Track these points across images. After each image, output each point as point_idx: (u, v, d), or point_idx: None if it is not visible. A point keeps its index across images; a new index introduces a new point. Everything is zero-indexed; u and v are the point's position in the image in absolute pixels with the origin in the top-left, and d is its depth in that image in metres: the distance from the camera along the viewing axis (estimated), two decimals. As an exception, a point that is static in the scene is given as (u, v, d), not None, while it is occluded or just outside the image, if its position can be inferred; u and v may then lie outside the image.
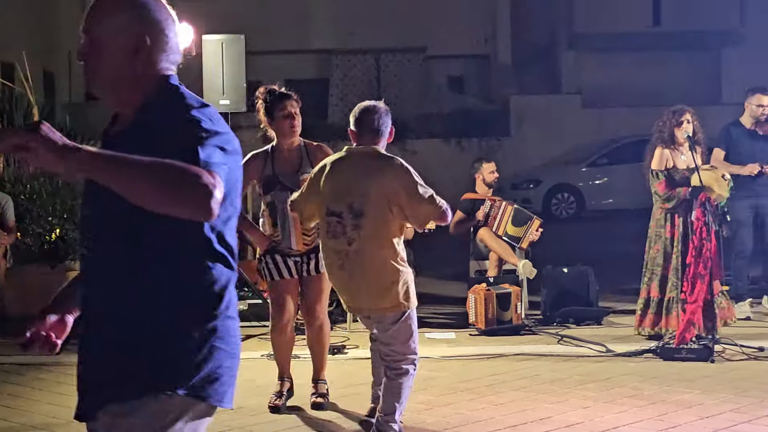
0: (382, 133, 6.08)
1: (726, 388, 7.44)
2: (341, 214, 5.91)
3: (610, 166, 23.68)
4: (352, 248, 5.90)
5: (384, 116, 6.09)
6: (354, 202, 5.88)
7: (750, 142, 10.34)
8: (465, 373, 8.18)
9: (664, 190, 9.14)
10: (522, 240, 10.65)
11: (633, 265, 9.85)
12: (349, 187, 5.92)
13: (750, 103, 10.44)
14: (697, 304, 8.54)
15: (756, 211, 10.38)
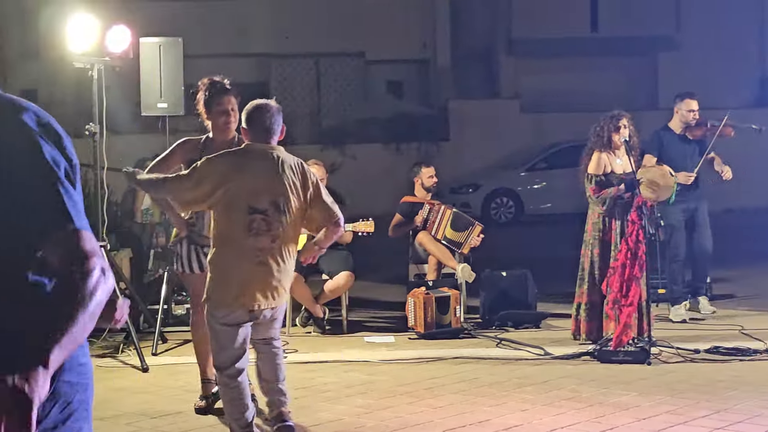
0: (274, 132, 6.11)
1: (662, 390, 7.51)
2: (266, 211, 5.89)
3: (549, 171, 23.84)
4: (275, 245, 5.92)
5: (276, 115, 6.13)
6: (277, 200, 5.91)
7: (681, 147, 10.44)
8: (404, 376, 8.17)
9: (596, 194, 9.21)
10: (463, 245, 10.69)
11: (571, 268, 9.90)
12: (269, 185, 5.92)
13: (680, 109, 10.54)
14: (633, 307, 8.61)
15: (688, 215, 10.48)
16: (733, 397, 7.27)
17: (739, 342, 9.07)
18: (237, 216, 5.92)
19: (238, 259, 5.93)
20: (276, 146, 6.09)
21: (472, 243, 10.71)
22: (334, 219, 6.08)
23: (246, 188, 5.91)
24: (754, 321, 10.22)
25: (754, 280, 13.17)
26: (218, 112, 7.02)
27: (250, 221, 5.89)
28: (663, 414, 6.86)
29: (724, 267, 13.52)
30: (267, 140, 6.07)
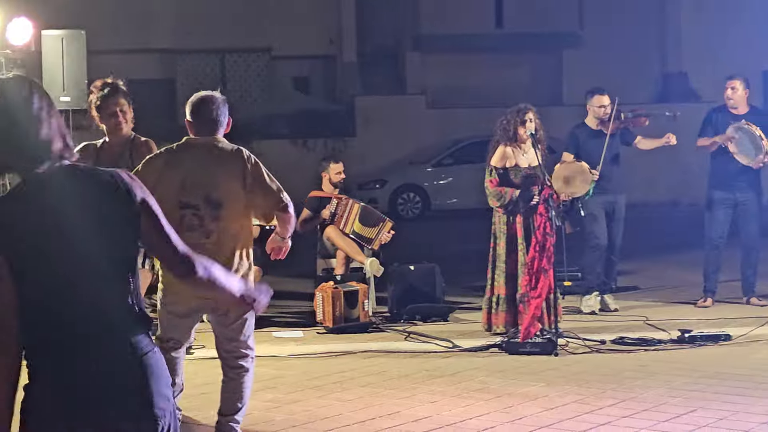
0: (220, 123, 5.98)
1: (570, 381, 7.58)
2: (198, 206, 5.76)
3: (455, 166, 23.96)
4: (210, 240, 5.74)
5: (222, 106, 6.00)
6: (211, 194, 5.75)
7: (597, 142, 10.53)
8: (313, 370, 8.15)
9: (494, 187, 9.27)
10: (374, 241, 10.71)
11: (478, 262, 9.98)
12: (203, 178, 5.78)
13: (592, 105, 10.64)
14: (541, 299, 8.69)
15: (608, 207, 10.58)
16: (639, 386, 7.37)
17: (643, 333, 9.22)
18: (169, 212, 5.78)
19: None
20: (219, 138, 5.96)
21: (382, 239, 10.73)
22: (280, 204, 5.85)
23: (177, 183, 5.79)
24: (658, 312, 10.39)
25: (657, 272, 13.40)
26: (108, 114, 7.13)
27: (181, 216, 5.77)
28: (570, 404, 6.93)
29: (629, 260, 13.69)
30: (213, 132, 5.94)
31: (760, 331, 9.22)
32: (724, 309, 10.52)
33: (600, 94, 10.67)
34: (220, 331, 6.00)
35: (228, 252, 5.79)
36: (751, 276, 10.85)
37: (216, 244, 5.74)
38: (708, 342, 8.80)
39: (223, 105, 6.00)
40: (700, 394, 7.12)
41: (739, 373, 7.73)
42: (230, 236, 5.81)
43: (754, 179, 10.71)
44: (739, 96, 10.75)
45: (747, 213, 10.75)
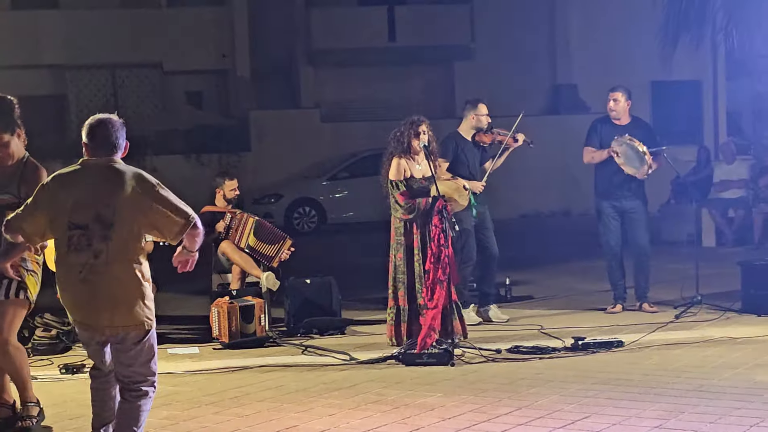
0: (118, 147, 5.85)
1: (466, 390, 7.64)
2: (87, 226, 5.63)
3: (350, 180, 24.01)
4: (99, 261, 5.60)
5: (120, 129, 5.88)
6: (101, 213, 5.61)
7: (471, 152, 10.64)
8: (209, 386, 8.08)
9: (405, 200, 9.32)
10: (273, 259, 10.68)
11: (374, 275, 10.01)
12: (95, 198, 5.65)
13: (476, 114, 10.71)
14: (437, 310, 8.74)
15: (479, 219, 10.63)
16: (534, 394, 7.45)
17: (538, 341, 9.33)
18: (60, 233, 5.68)
19: (65, 276, 5.71)
20: (116, 160, 5.83)
21: (282, 257, 10.72)
22: (190, 222, 5.75)
23: (69, 204, 5.67)
24: (552, 320, 10.52)
25: (550, 281, 13.56)
26: None
27: (69, 237, 5.65)
28: (467, 413, 6.98)
29: (523, 270, 13.90)
30: (111, 155, 5.81)
31: (652, 337, 9.40)
32: (616, 316, 10.70)
33: (481, 102, 10.81)
34: (116, 357, 5.85)
35: (118, 271, 5.66)
36: (643, 282, 11.05)
37: (106, 264, 5.62)
38: (601, 349, 8.93)
39: (121, 128, 5.88)
40: (593, 400, 7.23)
41: (631, 378, 7.86)
42: (121, 256, 5.68)
43: (638, 188, 10.92)
44: (621, 107, 10.96)
45: (635, 221, 10.95)
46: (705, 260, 12.14)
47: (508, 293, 11.87)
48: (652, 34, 20.87)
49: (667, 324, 10.05)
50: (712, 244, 17.15)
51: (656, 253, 11.32)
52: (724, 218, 17.29)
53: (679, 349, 8.92)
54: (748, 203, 17.03)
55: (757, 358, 8.42)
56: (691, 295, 10.80)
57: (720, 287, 11.74)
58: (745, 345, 9.01)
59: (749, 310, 10.49)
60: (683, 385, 7.58)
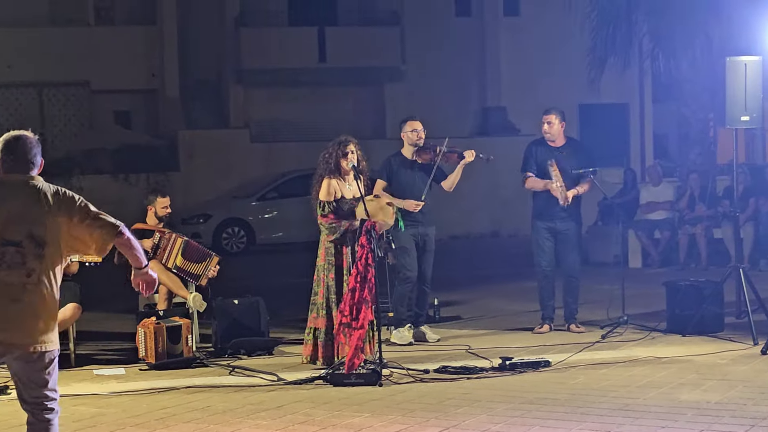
0: (35, 164, 5.75)
1: (394, 410, 7.63)
2: (20, 243, 5.52)
3: (280, 200, 23.92)
4: (31, 280, 5.48)
5: (36, 146, 5.78)
6: (34, 231, 5.48)
7: (411, 172, 10.67)
8: (135, 408, 7.99)
9: (330, 221, 9.32)
10: (201, 278, 10.62)
11: (302, 295, 9.96)
12: (26, 216, 5.54)
13: (405, 132, 10.77)
14: (363, 330, 8.73)
15: (419, 239, 10.70)
16: (462, 414, 7.47)
17: (466, 361, 9.35)
18: None
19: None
20: (35, 176, 5.72)
21: (209, 274, 10.66)
22: (116, 229, 5.57)
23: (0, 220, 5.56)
24: (480, 341, 10.56)
25: (479, 302, 13.63)
26: None
27: (2, 254, 5.52)
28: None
29: (452, 290, 13.95)
30: (27, 171, 5.71)
31: (579, 357, 9.47)
32: (544, 336, 10.77)
33: (412, 120, 10.84)
34: (28, 377, 5.67)
35: (45, 290, 5.55)
36: (571, 303, 11.13)
37: (36, 284, 5.50)
38: (528, 369, 8.98)
39: (37, 145, 5.78)
40: (520, 419, 7.26)
41: (558, 398, 7.91)
42: (50, 275, 5.57)
43: (574, 210, 11.01)
44: (555, 129, 11.06)
45: (567, 242, 11.04)
46: (631, 281, 12.26)
47: (436, 314, 11.90)
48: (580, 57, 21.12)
49: (594, 344, 10.14)
50: (639, 265, 17.34)
51: (584, 274, 11.42)
52: (650, 239, 17.49)
53: (605, 369, 9.00)
54: (674, 225, 17.25)
55: (681, 378, 8.51)
56: (617, 315, 10.90)
57: (646, 308, 11.88)
58: (669, 365, 9.10)
59: (674, 330, 10.62)
60: (609, 405, 7.64)
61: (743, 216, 15.51)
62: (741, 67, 10.76)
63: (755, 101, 10.76)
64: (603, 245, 17.01)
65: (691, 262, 16.82)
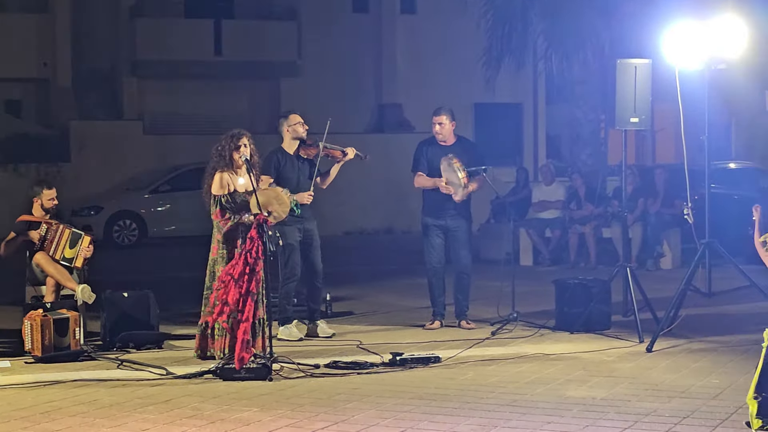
0: None
1: (283, 405, 7.61)
2: None
3: (173, 193, 23.72)
4: None
5: None
6: None
7: (294, 167, 10.64)
8: (20, 401, 7.85)
9: (219, 216, 9.27)
10: (75, 259, 10.45)
11: (194, 289, 9.89)
12: None
13: (291, 125, 10.73)
14: (249, 323, 8.71)
15: (303, 234, 10.67)
16: (351, 409, 7.48)
17: (357, 356, 9.36)
18: None
19: None
20: None
21: (83, 254, 10.49)
22: None
23: None
24: (371, 336, 10.59)
25: (371, 297, 13.66)
26: None
27: None
28: (283, 428, 6.96)
29: (344, 286, 13.97)
30: None
31: (468, 353, 9.55)
32: (435, 332, 10.84)
33: (292, 113, 10.84)
34: None
35: None
36: (462, 300, 11.22)
37: None
38: (418, 364, 9.03)
39: None
40: (409, 414, 7.29)
41: (447, 393, 7.97)
42: None
43: (464, 208, 11.09)
44: (446, 130, 11.14)
45: (457, 239, 11.13)
46: (522, 279, 12.40)
47: (328, 309, 11.89)
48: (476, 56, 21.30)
49: (484, 340, 10.23)
50: (530, 263, 17.56)
51: (475, 271, 11.52)
52: (541, 238, 17.71)
53: (495, 365, 9.09)
54: (564, 224, 17.49)
55: (568, 374, 8.64)
56: (507, 312, 11.01)
57: (535, 305, 12.02)
58: (557, 361, 9.23)
59: (562, 328, 10.76)
60: (497, 400, 7.72)
61: (632, 216, 15.80)
62: (631, 69, 10.95)
63: (644, 103, 10.95)
64: (494, 243, 17.17)
65: (580, 261, 17.07)
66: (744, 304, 11.65)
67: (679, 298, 10.32)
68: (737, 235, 16.43)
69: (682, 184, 10.96)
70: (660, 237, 16.87)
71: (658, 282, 13.51)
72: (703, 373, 8.63)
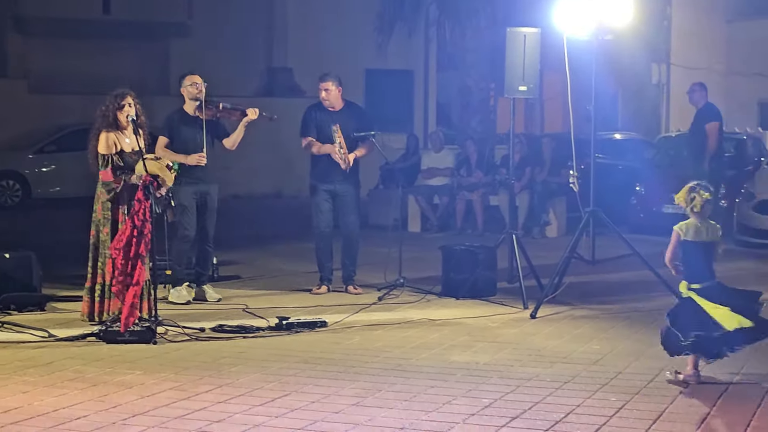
0: None
1: (167, 368, 7.56)
2: None
3: (58, 154, 23.31)
4: None
5: None
6: None
7: (192, 128, 10.55)
8: None
9: (112, 175, 9.14)
10: None
11: (78, 251, 9.74)
12: None
13: (185, 87, 10.65)
14: (139, 286, 8.61)
15: (199, 196, 10.60)
16: (236, 372, 7.46)
17: (243, 320, 9.33)
18: None
19: None
20: None
21: None
22: None
23: None
24: (257, 300, 10.56)
25: (259, 262, 13.61)
26: None
27: None
28: (167, 390, 6.90)
29: (232, 250, 13.88)
30: None
31: (355, 318, 9.58)
32: (322, 297, 10.86)
33: (191, 74, 10.74)
34: None
35: None
36: (349, 265, 11.24)
37: None
38: (305, 329, 9.03)
39: None
40: (294, 378, 7.29)
41: (332, 357, 7.99)
42: None
43: (352, 173, 11.08)
44: (333, 96, 11.12)
45: (345, 205, 11.13)
46: (409, 245, 12.48)
47: (215, 272, 11.80)
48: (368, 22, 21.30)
49: (370, 305, 10.27)
50: (417, 230, 17.65)
51: (364, 237, 11.55)
52: (429, 204, 17.81)
53: (381, 330, 9.13)
54: (453, 191, 17.60)
55: (453, 339, 8.72)
56: (394, 278, 11.06)
57: (422, 271, 12.10)
58: (442, 327, 9.31)
59: (448, 294, 10.85)
60: (382, 365, 7.76)
61: (519, 184, 15.96)
62: (520, 38, 11.03)
63: (533, 72, 11.05)
64: (383, 209, 17.22)
65: (467, 228, 17.20)
66: (626, 272, 11.87)
67: (563, 266, 10.48)
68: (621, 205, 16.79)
69: (569, 154, 11.12)
70: (546, 205, 17.10)
71: (543, 249, 13.69)
72: (585, 339, 8.78)
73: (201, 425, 6.13)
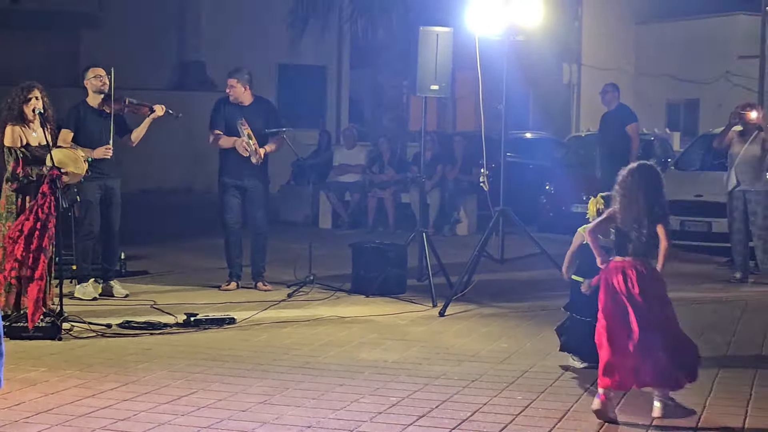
0: None
1: (72, 365, 7.45)
2: None
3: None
4: None
5: None
6: None
7: (98, 121, 10.43)
8: None
9: (21, 168, 8.99)
10: None
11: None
12: None
13: (89, 79, 10.53)
14: (43, 281, 8.47)
15: (104, 191, 10.47)
16: (143, 370, 7.37)
17: (151, 316, 9.23)
18: None
19: None
20: None
21: None
22: None
23: None
24: (166, 297, 10.46)
25: (167, 257, 13.49)
26: None
27: None
28: (71, 388, 6.80)
29: (140, 245, 13.74)
30: None
31: (264, 315, 9.54)
32: (231, 293, 10.80)
33: (94, 66, 10.65)
34: None
35: None
36: (259, 262, 11.19)
37: None
38: (213, 325, 8.97)
39: None
40: (201, 376, 7.23)
41: (240, 355, 7.94)
42: None
43: (261, 168, 11.04)
44: (238, 92, 11.12)
45: (254, 200, 11.09)
46: (320, 241, 12.47)
47: (123, 268, 11.68)
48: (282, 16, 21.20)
49: (280, 302, 10.24)
50: (329, 226, 17.65)
51: (274, 233, 11.52)
52: (340, 201, 17.81)
53: (289, 327, 9.10)
54: (364, 188, 17.62)
55: (362, 337, 8.72)
56: (304, 275, 11.03)
57: (333, 268, 12.09)
58: (352, 324, 9.30)
59: (358, 291, 10.86)
60: (290, 362, 7.73)
61: (430, 182, 16.04)
62: (433, 37, 11.07)
63: (445, 71, 11.10)
64: (294, 205, 17.21)
65: (379, 225, 17.24)
66: (534, 271, 11.98)
67: (472, 264, 10.54)
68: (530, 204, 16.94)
69: (480, 152, 11.19)
70: (457, 203, 17.20)
71: (453, 247, 13.76)
72: (493, 338, 8.83)
73: (106, 423, 6.05)
